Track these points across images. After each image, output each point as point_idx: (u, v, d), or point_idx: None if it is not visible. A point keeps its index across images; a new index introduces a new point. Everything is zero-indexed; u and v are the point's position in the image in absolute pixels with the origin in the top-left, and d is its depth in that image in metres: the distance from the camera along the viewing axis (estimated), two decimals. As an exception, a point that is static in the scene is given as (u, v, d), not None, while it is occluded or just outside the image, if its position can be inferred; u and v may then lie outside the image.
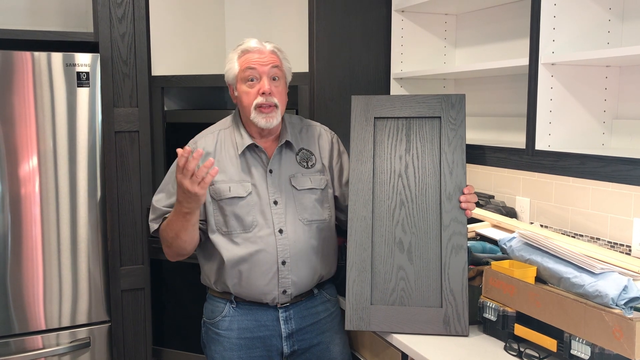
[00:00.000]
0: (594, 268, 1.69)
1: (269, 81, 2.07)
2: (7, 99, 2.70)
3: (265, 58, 2.08)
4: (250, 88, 2.08)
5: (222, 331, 2.13)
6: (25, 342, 2.80)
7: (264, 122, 2.06)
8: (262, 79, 2.07)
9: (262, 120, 2.06)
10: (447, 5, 2.69)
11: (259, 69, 2.06)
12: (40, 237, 2.81)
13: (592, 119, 2.07)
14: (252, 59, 2.08)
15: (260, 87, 2.06)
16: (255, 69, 2.06)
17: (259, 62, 2.07)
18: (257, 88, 2.07)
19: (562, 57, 1.94)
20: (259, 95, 2.05)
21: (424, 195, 2.04)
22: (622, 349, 1.51)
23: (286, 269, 2.08)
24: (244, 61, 2.09)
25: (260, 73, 2.07)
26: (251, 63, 2.07)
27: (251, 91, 2.07)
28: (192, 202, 1.90)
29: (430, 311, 1.97)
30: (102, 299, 2.96)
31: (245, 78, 2.08)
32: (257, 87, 2.06)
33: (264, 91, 2.04)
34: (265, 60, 2.08)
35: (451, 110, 2.06)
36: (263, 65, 2.07)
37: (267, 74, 2.07)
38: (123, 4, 2.90)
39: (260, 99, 2.05)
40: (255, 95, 2.06)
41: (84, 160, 2.87)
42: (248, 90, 2.08)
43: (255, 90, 2.07)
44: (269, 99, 2.05)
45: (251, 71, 2.06)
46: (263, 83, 2.06)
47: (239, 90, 2.11)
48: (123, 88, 2.96)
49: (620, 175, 1.71)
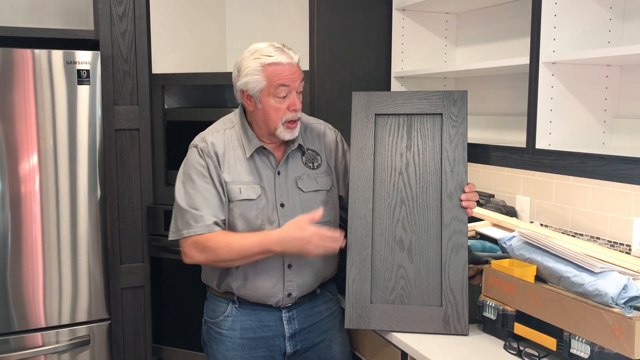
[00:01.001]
0: (593, 267, 1.69)
1: (297, 95, 2.06)
2: (8, 96, 2.71)
3: (296, 74, 2.04)
4: (280, 104, 2.04)
5: (225, 331, 2.12)
6: (25, 340, 2.81)
7: (289, 136, 2.07)
8: (292, 94, 2.05)
9: (288, 134, 2.06)
10: (448, 4, 2.70)
11: (292, 86, 2.03)
12: (40, 234, 2.82)
13: (592, 118, 2.07)
14: (284, 75, 2.02)
15: (290, 104, 2.04)
16: (288, 86, 2.03)
17: (292, 79, 2.03)
18: (286, 104, 2.04)
19: (563, 56, 1.94)
20: (289, 111, 2.04)
21: (424, 193, 2.04)
22: (621, 347, 1.51)
23: (292, 273, 2.07)
24: (274, 77, 2.02)
25: (291, 89, 2.04)
26: (285, 80, 2.02)
27: (281, 107, 2.04)
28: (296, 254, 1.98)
29: (430, 310, 1.97)
30: (102, 296, 2.97)
31: (277, 94, 2.03)
32: (287, 103, 2.04)
33: (296, 109, 2.04)
34: (296, 75, 2.04)
35: (453, 107, 2.05)
36: (295, 81, 2.04)
37: (297, 88, 2.06)
38: (124, 2, 2.92)
39: (290, 115, 2.04)
40: (284, 111, 2.04)
41: (84, 158, 2.88)
42: (278, 106, 2.04)
43: (285, 107, 2.04)
44: (297, 114, 2.06)
45: (285, 88, 2.02)
46: (294, 100, 2.04)
47: (266, 104, 2.04)
48: (123, 86, 2.97)
49: (620, 175, 1.71)
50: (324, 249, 1.95)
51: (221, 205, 2.05)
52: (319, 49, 2.71)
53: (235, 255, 1.98)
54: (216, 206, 2.04)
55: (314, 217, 1.94)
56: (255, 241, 1.97)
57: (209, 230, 2.01)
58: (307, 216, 1.95)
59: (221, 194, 2.05)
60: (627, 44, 2.02)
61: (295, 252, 1.96)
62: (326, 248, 1.95)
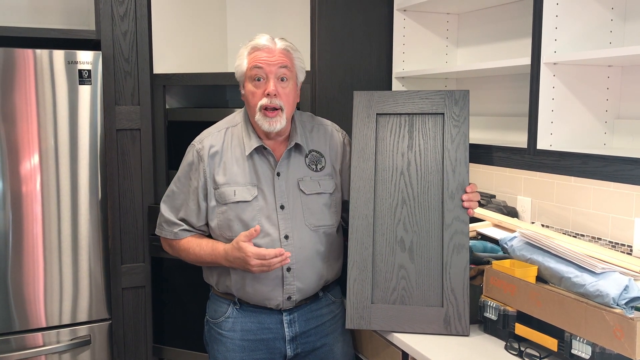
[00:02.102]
0: (595, 268, 1.69)
1: (276, 82, 2.00)
2: (9, 96, 2.71)
3: (274, 57, 2.01)
4: (256, 88, 2.02)
5: (225, 332, 2.12)
6: (25, 340, 2.81)
7: (267, 126, 2.01)
8: (269, 79, 2.00)
9: (265, 123, 2.01)
10: (449, 5, 2.70)
11: (266, 69, 1.99)
12: (41, 234, 2.81)
13: (593, 118, 2.07)
14: (260, 57, 2.00)
15: (266, 87, 2.00)
16: (262, 68, 1.99)
17: (267, 62, 2.00)
18: (263, 88, 2.00)
19: (564, 57, 1.94)
20: (264, 96, 2.00)
21: (426, 194, 2.03)
22: (622, 348, 1.51)
23: (291, 276, 2.05)
24: (252, 59, 2.02)
25: (267, 73, 2.00)
26: (259, 62, 2.00)
27: (257, 91, 2.01)
28: (243, 269, 2.01)
29: (431, 310, 1.97)
30: (103, 296, 2.96)
31: (252, 77, 2.01)
32: (263, 88, 2.00)
33: (268, 92, 1.98)
34: (274, 59, 2.00)
35: (454, 107, 2.05)
36: (270, 65, 2.00)
37: (274, 74, 2.00)
38: (125, 2, 2.91)
39: (265, 100, 1.99)
40: (260, 95, 2.00)
41: (85, 158, 2.87)
42: (254, 90, 2.02)
43: (261, 91, 2.01)
44: (273, 100, 1.99)
45: (258, 70, 2.00)
46: (269, 84, 1.99)
47: (246, 89, 2.05)
48: (125, 86, 2.96)
49: (622, 175, 1.71)
50: (267, 268, 1.96)
51: (198, 212, 2.11)
52: (320, 49, 2.71)
53: (192, 259, 2.15)
54: (192, 211, 2.12)
55: (251, 234, 1.94)
56: (207, 252, 2.09)
57: (175, 237, 2.15)
58: (244, 234, 1.96)
59: (201, 199, 2.10)
60: (629, 45, 2.02)
61: (240, 267, 2.01)
62: (270, 267, 1.95)
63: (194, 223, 2.10)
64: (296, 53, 2.09)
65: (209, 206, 2.07)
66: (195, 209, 2.09)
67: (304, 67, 2.13)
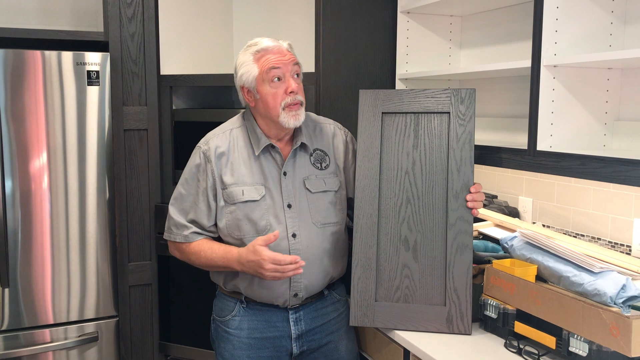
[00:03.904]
0: (593, 267, 1.72)
1: (293, 79, 2.05)
2: (18, 97, 2.74)
3: (286, 56, 2.04)
4: (275, 89, 2.03)
5: (232, 330, 2.14)
6: (34, 336, 2.84)
7: (293, 122, 2.04)
8: (287, 77, 2.03)
9: (291, 119, 2.04)
10: (453, 7, 2.71)
11: (283, 69, 2.02)
12: (49, 233, 2.84)
13: (593, 120, 2.09)
14: (273, 58, 2.03)
15: (286, 86, 2.03)
16: (279, 68, 2.02)
17: (282, 61, 2.03)
18: (283, 88, 2.03)
19: (564, 59, 1.95)
20: (287, 94, 2.03)
21: (430, 193, 2.04)
22: (618, 346, 1.54)
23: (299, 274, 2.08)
24: (265, 62, 2.04)
25: (284, 72, 2.03)
26: (274, 63, 2.02)
27: (277, 92, 2.03)
28: (255, 274, 2.01)
29: (433, 309, 1.98)
30: (110, 294, 2.99)
31: (270, 79, 2.03)
32: (284, 87, 2.03)
33: (292, 90, 2.02)
34: (287, 58, 2.04)
35: (461, 105, 2.05)
36: (286, 64, 2.03)
37: (290, 72, 2.04)
38: (133, 4, 2.94)
39: (289, 99, 2.02)
40: (282, 95, 2.03)
41: (93, 157, 2.90)
42: (274, 92, 2.03)
43: (281, 91, 2.03)
44: (296, 97, 2.03)
45: (276, 71, 2.02)
46: (289, 82, 2.03)
47: (262, 92, 2.05)
48: (132, 87, 2.99)
49: (619, 176, 1.73)
50: (280, 275, 1.95)
51: (208, 212, 2.11)
52: (325, 51, 2.73)
53: (202, 263, 2.12)
54: (202, 212, 2.11)
55: (268, 239, 1.95)
56: (219, 255, 2.08)
57: (186, 240, 2.13)
58: (262, 238, 1.96)
59: (210, 199, 2.10)
60: (629, 48, 2.03)
61: (252, 272, 2.00)
62: (282, 274, 1.95)
63: (205, 224, 2.11)
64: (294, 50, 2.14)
65: (218, 206, 2.09)
66: (206, 210, 2.10)
67: None
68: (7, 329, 2.79)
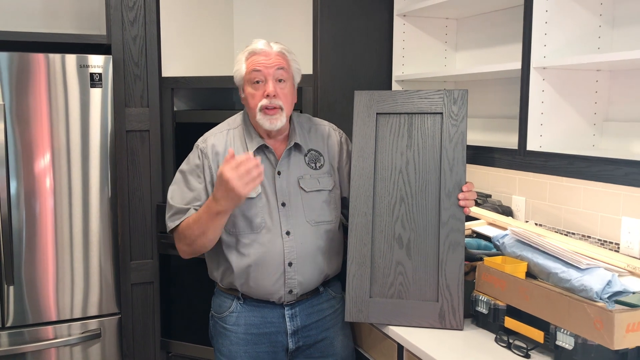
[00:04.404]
0: (580, 264, 1.76)
1: (274, 83, 2.07)
2: (23, 98, 2.77)
3: (271, 60, 2.08)
4: (255, 90, 2.09)
5: (230, 326, 2.18)
6: (38, 332, 2.86)
7: (268, 124, 2.08)
8: (268, 81, 2.07)
9: (266, 122, 2.08)
10: (448, 10, 2.74)
11: (264, 71, 2.07)
12: (53, 231, 2.87)
13: (582, 121, 2.12)
14: (258, 61, 2.08)
15: (265, 89, 2.07)
16: (260, 71, 2.07)
17: (265, 64, 2.07)
18: (262, 90, 2.07)
19: (553, 62, 1.99)
20: (264, 97, 2.07)
21: (423, 192, 2.08)
22: (602, 339, 1.59)
23: (292, 270, 2.11)
24: (250, 63, 2.10)
25: (265, 75, 2.07)
26: (257, 65, 2.07)
27: (257, 93, 2.08)
28: (233, 201, 1.93)
29: (426, 305, 2.02)
30: (113, 291, 3.02)
31: (251, 80, 2.08)
32: (263, 89, 2.07)
33: (268, 93, 2.05)
34: (271, 62, 2.08)
35: (453, 106, 2.08)
36: (268, 68, 2.07)
37: (272, 76, 2.07)
38: (135, 7, 2.97)
39: (265, 101, 2.06)
40: (260, 97, 2.07)
41: (96, 158, 2.93)
42: (254, 92, 2.09)
43: (260, 93, 2.07)
44: (273, 101, 2.06)
45: (256, 73, 2.07)
46: (268, 85, 2.06)
47: (246, 92, 2.12)
48: (134, 89, 3.02)
49: (604, 175, 1.77)
50: (250, 177, 1.89)
51: None
52: (323, 54, 2.76)
53: (196, 229, 2.03)
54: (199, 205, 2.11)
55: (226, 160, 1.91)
56: (201, 211, 2.02)
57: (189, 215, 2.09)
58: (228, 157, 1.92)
59: (210, 193, 2.09)
60: (617, 50, 2.07)
61: (229, 200, 1.93)
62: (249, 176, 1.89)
63: None
64: (291, 55, 2.16)
65: None
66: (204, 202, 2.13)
67: (299, 68, 2.20)
68: (11, 325, 2.82)
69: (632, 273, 1.88)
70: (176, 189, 2.19)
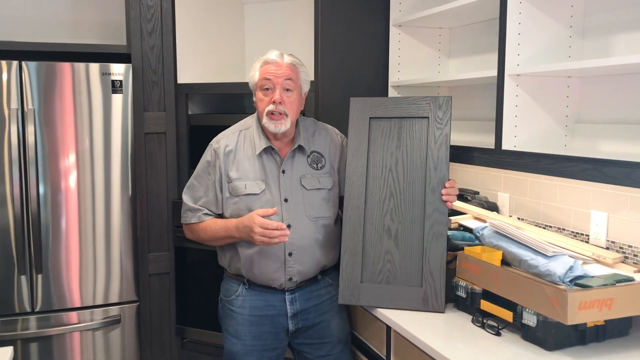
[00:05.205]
0: (546, 251, 1.93)
1: (282, 92, 2.27)
2: (50, 104, 2.91)
3: (281, 71, 2.28)
4: (264, 96, 2.29)
5: (236, 308, 2.36)
6: (63, 317, 3.00)
7: (272, 127, 2.28)
8: (276, 89, 2.27)
9: (271, 125, 2.27)
10: (441, 21, 2.86)
11: (274, 80, 2.27)
12: (78, 226, 3.00)
13: (555, 122, 2.25)
14: (269, 70, 2.28)
15: (272, 96, 2.26)
16: (270, 79, 2.27)
17: (274, 74, 2.27)
18: (270, 97, 2.27)
19: (526, 69, 2.13)
20: (271, 103, 2.27)
21: (411, 188, 2.24)
22: (558, 315, 1.76)
23: (292, 260, 2.29)
24: (262, 71, 2.29)
25: (274, 84, 2.27)
26: (268, 74, 2.27)
27: (265, 99, 2.28)
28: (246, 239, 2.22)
29: (412, 290, 2.18)
30: (132, 281, 3.13)
31: (262, 87, 2.29)
32: (270, 96, 2.27)
33: (274, 100, 2.25)
34: (281, 72, 2.27)
35: (438, 111, 2.25)
36: (278, 77, 2.27)
37: (280, 85, 2.27)
38: (152, 19, 3.10)
39: (271, 107, 2.26)
40: (268, 103, 2.27)
41: (117, 158, 3.07)
42: (263, 98, 2.29)
43: (268, 99, 2.27)
44: (279, 107, 2.26)
45: (266, 81, 2.27)
46: (275, 93, 2.26)
47: (257, 97, 2.32)
48: (152, 94, 3.15)
49: (565, 171, 1.92)
50: (267, 240, 2.14)
51: (215, 201, 2.35)
52: (323, 61, 2.88)
53: (209, 236, 2.34)
54: (211, 200, 2.35)
55: (266, 212, 2.17)
56: (221, 226, 2.29)
57: (199, 220, 2.36)
58: (261, 210, 2.18)
59: (217, 190, 2.33)
60: (587, 59, 2.20)
61: (246, 238, 2.20)
62: (270, 239, 2.13)
63: (214, 211, 2.36)
64: (302, 67, 2.35)
65: (224, 197, 2.33)
66: (214, 199, 2.35)
67: (308, 79, 2.39)
68: (40, 310, 2.96)
69: (597, 261, 2.04)
70: (189, 186, 2.41)
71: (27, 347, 2.95)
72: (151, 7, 3.11)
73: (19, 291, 2.94)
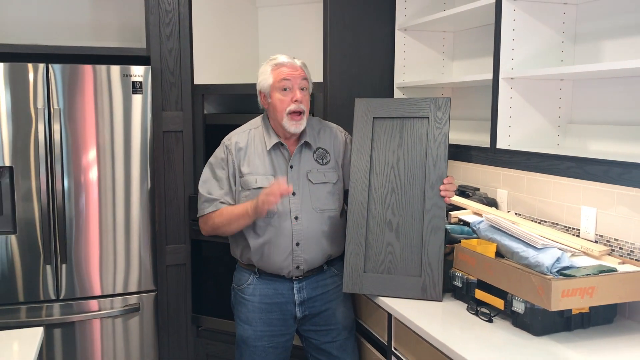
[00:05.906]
0: (536, 244, 2.05)
1: (300, 91, 2.40)
2: (74, 104, 3.02)
3: (298, 72, 2.40)
4: (284, 96, 2.39)
5: (247, 296, 2.49)
6: (85, 305, 3.12)
7: (293, 128, 2.39)
8: (295, 89, 2.39)
9: (292, 126, 2.39)
10: (444, 25, 2.96)
11: (293, 81, 2.38)
12: (99, 219, 3.11)
13: (548, 123, 2.35)
14: (286, 72, 2.39)
15: (292, 95, 2.38)
16: (289, 80, 2.38)
17: (293, 75, 2.39)
18: (290, 96, 2.38)
19: (520, 73, 2.23)
20: (292, 102, 2.37)
21: (411, 184, 2.35)
22: (543, 302, 1.88)
23: (299, 249, 2.42)
24: (278, 73, 2.39)
25: (293, 84, 2.39)
26: (286, 75, 2.38)
27: (285, 99, 2.39)
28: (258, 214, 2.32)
29: (411, 279, 2.30)
30: (150, 271, 3.23)
31: (280, 88, 2.39)
32: (290, 96, 2.38)
33: (296, 99, 2.37)
34: (297, 73, 2.40)
35: (438, 112, 2.35)
36: (296, 78, 2.39)
37: (298, 85, 2.39)
38: (171, 23, 3.21)
39: (293, 106, 2.37)
40: (288, 102, 2.38)
41: (137, 155, 3.17)
42: (282, 98, 2.39)
43: (288, 99, 2.38)
44: (300, 106, 2.38)
45: (286, 82, 2.38)
46: (295, 92, 2.38)
47: (273, 98, 2.41)
48: (170, 95, 3.26)
49: (554, 169, 2.03)
50: (267, 203, 2.24)
51: (230, 193, 2.46)
52: (332, 64, 2.98)
53: (225, 218, 2.40)
54: (225, 192, 2.45)
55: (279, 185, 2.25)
56: (239, 208, 2.37)
57: (216, 208, 2.45)
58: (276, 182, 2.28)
59: (232, 183, 2.45)
60: (578, 63, 2.30)
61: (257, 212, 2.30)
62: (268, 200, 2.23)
63: (229, 201, 2.47)
64: (307, 69, 2.48)
65: (236, 190, 2.45)
66: (228, 191, 2.47)
67: (311, 80, 2.52)
68: (63, 298, 3.08)
69: (585, 253, 2.15)
70: (205, 180, 2.52)
71: (51, 332, 3.06)
72: (169, 12, 3.22)
73: (44, 280, 3.06)
